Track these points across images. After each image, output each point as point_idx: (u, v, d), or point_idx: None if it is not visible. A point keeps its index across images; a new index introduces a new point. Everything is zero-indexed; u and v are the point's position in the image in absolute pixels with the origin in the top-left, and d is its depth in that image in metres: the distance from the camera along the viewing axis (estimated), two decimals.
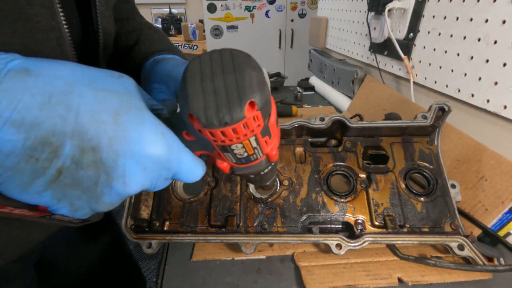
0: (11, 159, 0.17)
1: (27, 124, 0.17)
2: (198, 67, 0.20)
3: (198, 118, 0.19)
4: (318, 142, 0.51)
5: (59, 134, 0.18)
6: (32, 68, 0.18)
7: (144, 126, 0.21)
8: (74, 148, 0.18)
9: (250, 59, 0.21)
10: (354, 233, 0.43)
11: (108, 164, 0.20)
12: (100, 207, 0.22)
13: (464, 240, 0.40)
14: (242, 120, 0.19)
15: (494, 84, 0.49)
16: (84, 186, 0.20)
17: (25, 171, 0.17)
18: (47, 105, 0.17)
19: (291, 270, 0.42)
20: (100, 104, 0.19)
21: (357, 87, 0.88)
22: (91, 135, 0.19)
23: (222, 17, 2.32)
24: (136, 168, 0.21)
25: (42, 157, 0.17)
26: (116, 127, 0.19)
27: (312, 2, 2.34)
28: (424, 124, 0.45)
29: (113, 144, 0.19)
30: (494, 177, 0.44)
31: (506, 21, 0.46)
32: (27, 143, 0.17)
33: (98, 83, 0.20)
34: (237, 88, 0.19)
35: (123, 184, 0.21)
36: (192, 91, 0.19)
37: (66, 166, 0.18)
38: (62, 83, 0.18)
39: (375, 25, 0.79)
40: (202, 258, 0.44)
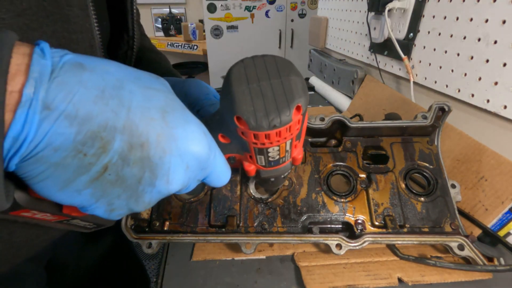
0: (59, 154, 0.16)
1: (80, 117, 0.16)
2: (242, 70, 0.20)
3: (247, 121, 0.19)
4: (318, 142, 0.51)
5: (110, 129, 0.17)
6: (86, 63, 0.18)
7: (190, 124, 0.21)
8: (123, 144, 0.18)
9: (293, 65, 0.21)
10: (354, 233, 0.43)
11: (154, 161, 0.19)
12: (138, 207, 0.21)
13: (464, 240, 0.40)
14: (289, 123, 0.20)
15: (494, 84, 0.49)
16: (126, 184, 0.19)
17: (70, 167, 0.17)
18: (101, 100, 0.17)
19: (291, 270, 0.42)
20: (149, 101, 0.19)
21: (357, 87, 0.88)
22: (141, 131, 0.18)
23: (222, 17, 2.32)
24: (180, 166, 0.21)
25: (90, 152, 0.17)
26: (164, 125, 0.19)
27: (312, 2, 2.34)
28: (424, 124, 0.45)
29: (161, 140, 0.19)
30: (494, 177, 0.44)
31: (506, 21, 0.46)
32: (78, 137, 0.17)
33: (143, 81, 0.20)
34: (284, 92, 0.20)
35: (166, 182, 0.20)
36: (239, 93, 0.20)
37: (113, 162, 0.18)
38: (113, 79, 0.18)
39: (375, 25, 0.79)
40: (202, 258, 0.44)
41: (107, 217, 0.21)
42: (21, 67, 0.15)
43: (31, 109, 0.15)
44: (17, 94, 0.15)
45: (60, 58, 0.17)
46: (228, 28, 2.37)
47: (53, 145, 0.16)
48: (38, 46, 0.17)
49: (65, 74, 0.16)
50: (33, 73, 0.15)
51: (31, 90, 0.15)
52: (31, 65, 0.16)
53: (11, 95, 0.15)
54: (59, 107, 0.16)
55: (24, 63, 0.16)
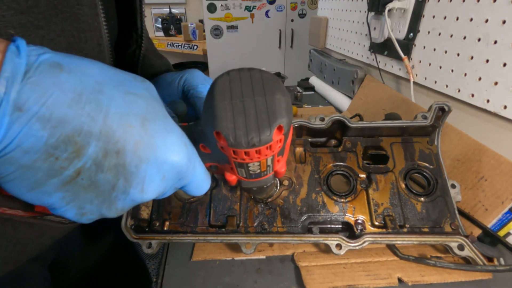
0: (29, 156, 0.16)
1: (54, 120, 0.16)
2: (227, 84, 0.20)
3: (226, 137, 0.19)
4: (318, 142, 0.51)
5: (85, 134, 0.17)
6: (64, 63, 0.17)
7: (170, 134, 0.21)
8: (98, 150, 0.18)
9: (279, 83, 0.21)
10: (354, 233, 0.43)
11: (130, 169, 0.19)
12: (110, 213, 0.21)
13: (464, 240, 0.40)
14: (269, 143, 0.20)
15: (494, 84, 0.49)
16: (100, 190, 0.19)
17: (40, 170, 0.17)
18: (77, 103, 0.17)
19: (291, 270, 0.42)
20: (129, 107, 0.19)
21: (357, 87, 0.88)
22: (118, 138, 0.18)
23: (222, 17, 2.32)
24: (156, 176, 0.20)
25: (63, 156, 0.17)
26: (143, 132, 0.19)
27: (312, 2, 2.34)
28: (424, 124, 0.45)
29: (139, 149, 0.19)
30: (494, 177, 0.44)
31: (506, 21, 0.46)
32: (50, 140, 0.16)
33: (126, 85, 0.20)
34: (267, 111, 0.19)
35: (141, 191, 0.20)
36: (221, 109, 0.19)
37: (86, 167, 0.18)
38: (93, 82, 0.18)
39: (375, 25, 0.79)
40: (202, 258, 0.44)
41: (77, 220, 0.21)
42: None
43: (1, 110, 0.15)
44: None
45: (36, 57, 0.16)
46: (228, 28, 2.37)
47: (23, 147, 0.16)
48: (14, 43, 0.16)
49: (41, 75, 0.16)
50: (5, 72, 0.15)
51: (2, 90, 0.15)
52: (3, 63, 0.15)
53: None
54: (31, 109, 0.15)
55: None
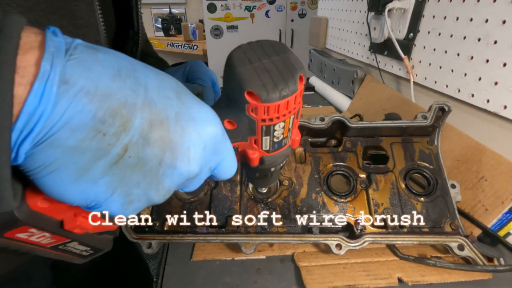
0: (76, 135, 0.16)
1: (100, 94, 0.16)
2: (242, 53, 0.22)
3: (259, 94, 0.21)
4: (318, 142, 0.51)
5: (130, 106, 0.17)
6: (97, 47, 0.18)
7: (204, 106, 0.22)
8: (143, 121, 0.18)
9: (287, 46, 0.23)
10: (354, 233, 0.43)
11: (175, 139, 0.19)
12: (157, 195, 0.21)
13: (464, 240, 0.40)
14: (296, 92, 0.22)
15: (494, 84, 0.49)
16: (147, 167, 0.19)
17: (88, 151, 0.16)
18: (118, 78, 0.17)
19: (291, 270, 0.42)
20: (163, 83, 0.20)
21: (357, 87, 0.88)
22: (160, 109, 0.18)
23: (222, 17, 2.32)
24: (198, 145, 0.21)
25: (110, 131, 0.16)
26: (180, 104, 0.20)
27: (312, 2, 2.34)
28: (424, 124, 0.45)
29: (180, 118, 0.19)
30: (494, 177, 0.44)
31: (506, 21, 0.46)
32: (98, 115, 0.16)
33: (152, 68, 0.20)
34: (286, 66, 0.22)
35: (187, 162, 0.20)
36: (246, 71, 0.21)
37: (133, 141, 0.18)
38: (127, 63, 0.18)
39: (375, 25, 0.79)
40: (202, 258, 0.44)
41: (123, 212, 0.20)
42: (35, 43, 0.15)
43: (49, 81, 0.15)
44: (33, 68, 0.14)
45: (72, 40, 0.17)
46: (228, 28, 2.37)
47: (70, 124, 0.15)
48: (49, 29, 0.16)
49: (81, 53, 0.16)
50: (49, 47, 0.15)
51: (49, 63, 0.15)
52: (46, 41, 0.15)
53: (25, 69, 0.14)
54: (78, 82, 0.15)
55: (37, 40, 0.15)
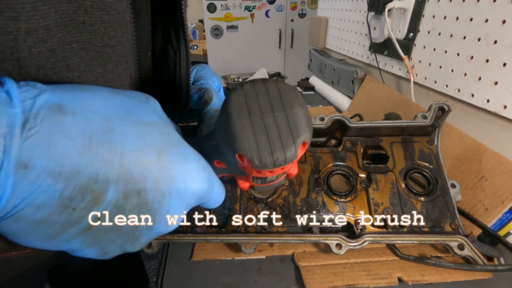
0: (42, 211, 0.14)
1: (66, 173, 0.14)
2: (243, 100, 0.19)
3: (250, 160, 0.18)
4: (318, 142, 0.51)
5: (102, 181, 0.16)
6: (65, 103, 0.15)
7: (188, 161, 0.20)
8: (117, 194, 0.16)
9: (297, 94, 0.20)
10: (354, 233, 0.43)
11: (153, 206, 0.18)
12: (134, 248, 0.20)
13: (464, 239, 0.40)
14: (294, 160, 0.19)
15: (494, 84, 0.49)
16: (122, 230, 0.18)
17: (56, 223, 0.15)
18: (89, 149, 0.15)
19: (291, 270, 0.42)
20: (143, 142, 0.17)
21: (357, 87, 0.88)
22: (137, 178, 0.17)
23: (222, 17, 2.32)
24: (179, 207, 0.19)
25: (80, 206, 0.15)
26: (161, 167, 0.18)
27: (312, 2, 2.34)
28: (424, 124, 0.45)
29: (159, 184, 0.18)
30: (494, 177, 0.44)
31: (506, 21, 0.46)
32: (65, 193, 0.15)
33: (134, 114, 0.18)
34: (289, 127, 0.18)
35: (165, 224, 0.19)
36: (240, 128, 0.18)
37: (107, 211, 0.16)
38: (101, 120, 0.16)
39: (375, 25, 0.79)
40: (202, 258, 0.44)
41: (100, 258, 0.20)
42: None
43: (2, 171, 0.13)
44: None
45: (33, 101, 0.14)
46: (228, 28, 2.36)
47: (34, 204, 0.14)
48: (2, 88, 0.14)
49: (42, 123, 0.14)
50: (1, 128, 0.13)
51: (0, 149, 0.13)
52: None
53: None
54: (38, 164, 0.14)
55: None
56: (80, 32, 0.19)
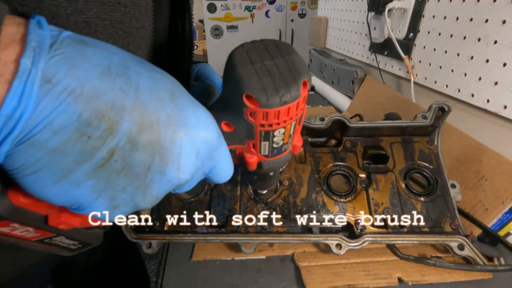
0: (59, 136, 0.15)
1: (86, 94, 0.15)
2: (244, 53, 0.21)
3: (258, 98, 0.19)
4: (318, 142, 0.51)
5: (119, 108, 0.16)
6: (87, 40, 0.16)
7: (199, 108, 0.20)
8: (132, 125, 0.16)
9: (292, 47, 0.22)
10: (354, 233, 0.43)
11: (165, 144, 0.18)
12: (144, 201, 0.20)
13: (464, 240, 0.40)
14: (298, 98, 0.20)
15: (494, 84, 0.49)
16: (134, 172, 0.18)
17: (71, 154, 0.15)
18: (107, 76, 0.16)
19: (291, 270, 0.42)
20: (156, 83, 0.18)
21: (357, 87, 0.88)
22: (151, 112, 0.17)
23: (222, 17, 2.32)
24: (190, 151, 0.19)
25: (96, 134, 0.15)
26: (173, 106, 0.18)
27: (312, 2, 2.34)
28: (424, 124, 0.45)
29: (172, 123, 0.18)
30: (495, 177, 0.44)
31: (506, 21, 0.46)
32: (83, 116, 0.15)
33: (147, 65, 0.19)
34: (290, 70, 0.20)
35: (177, 169, 0.19)
36: (246, 73, 0.20)
37: (120, 146, 0.16)
38: (118, 58, 0.17)
39: (375, 25, 0.79)
40: (202, 258, 0.44)
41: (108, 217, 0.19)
42: (16, 36, 0.14)
43: (29, 80, 0.13)
44: (13, 65, 0.13)
45: (59, 32, 0.15)
46: (228, 28, 2.37)
47: (53, 126, 0.14)
48: (34, 19, 0.15)
49: (67, 48, 0.15)
50: (31, 42, 0.14)
51: (29, 60, 0.14)
52: (28, 34, 0.14)
53: (4, 66, 0.13)
54: (62, 81, 0.14)
55: (19, 32, 0.14)
56: (114, 11, 0.22)
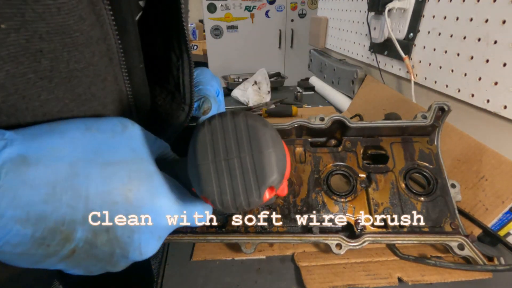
0: (20, 248, 0.16)
1: (33, 219, 0.16)
2: (209, 137, 0.18)
3: (213, 203, 0.18)
4: (318, 142, 0.51)
5: (69, 223, 0.17)
6: (30, 153, 0.16)
7: (158, 199, 0.20)
8: (86, 233, 0.18)
9: (268, 130, 0.19)
10: (354, 233, 0.43)
11: (123, 240, 0.19)
12: (116, 270, 0.22)
13: (464, 239, 0.40)
14: (260, 203, 0.18)
15: (494, 84, 0.49)
16: (99, 258, 0.19)
17: (37, 255, 0.17)
18: (52, 197, 0.16)
19: (291, 270, 0.42)
20: (109, 184, 0.18)
21: (357, 87, 0.88)
22: (104, 218, 0.18)
23: (222, 17, 2.32)
24: (151, 239, 0.21)
25: (53, 243, 0.17)
26: (128, 206, 0.19)
27: (312, 2, 2.34)
28: (424, 124, 0.45)
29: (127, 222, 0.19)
30: (495, 177, 0.44)
31: (506, 21, 0.46)
32: (36, 235, 0.16)
33: (103, 155, 0.18)
34: (255, 171, 0.18)
35: (140, 254, 0.21)
36: (204, 171, 0.18)
37: (80, 246, 0.18)
38: (66, 167, 0.17)
39: (375, 25, 0.79)
40: (202, 258, 0.44)
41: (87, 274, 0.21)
42: None
43: None
44: None
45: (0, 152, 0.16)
46: (228, 28, 2.37)
47: (11, 243, 0.16)
48: None
49: (6, 177, 0.15)
50: None
51: None
52: None
53: None
54: (6, 214, 0.15)
55: None
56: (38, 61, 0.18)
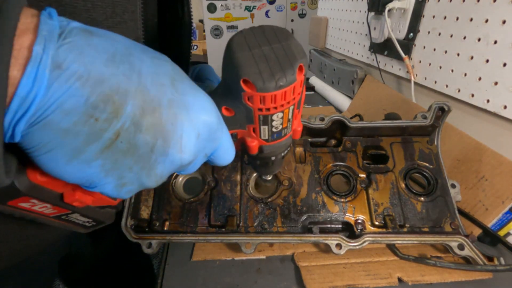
0: (69, 118, 0.16)
1: (92, 79, 0.16)
2: (242, 39, 0.22)
3: (254, 82, 0.20)
4: (318, 142, 0.51)
5: (123, 92, 0.17)
6: (93, 30, 0.18)
7: (199, 93, 0.21)
8: (135, 108, 0.18)
9: (290, 33, 0.22)
10: (354, 233, 0.43)
11: (167, 127, 0.19)
12: (149, 180, 0.21)
13: (464, 239, 0.40)
14: (294, 82, 0.21)
15: (494, 84, 0.49)
16: (139, 153, 0.19)
17: (80, 134, 0.17)
18: (112, 63, 0.17)
19: (291, 270, 0.42)
20: (158, 68, 0.19)
21: (357, 87, 0.88)
22: (152, 96, 0.18)
23: (222, 17, 2.32)
24: (191, 133, 0.21)
25: (102, 117, 0.17)
26: (174, 91, 0.20)
27: (312, 2, 2.34)
28: (424, 124, 0.45)
29: (173, 106, 0.19)
30: (495, 177, 0.44)
31: (506, 21, 0.46)
32: (90, 99, 0.16)
33: (150, 52, 0.20)
34: (286, 54, 0.21)
35: (179, 150, 0.20)
36: (243, 58, 0.21)
37: (125, 128, 0.18)
38: (122, 46, 0.18)
39: (375, 25, 0.79)
40: (202, 258, 0.44)
41: (116, 194, 0.21)
42: (30, 25, 0.15)
43: (41, 65, 0.15)
44: (26, 51, 0.15)
45: (68, 23, 0.17)
46: (228, 28, 2.36)
47: (63, 108, 0.16)
48: (45, 10, 0.16)
49: (75, 37, 0.16)
50: (42, 31, 0.15)
51: (41, 47, 0.15)
52: (40, 24, 0.15)
53: (19, 52, 0.15)
54: (71, 67, 0.16)
55: (32, 22, 0.15)
56: None
